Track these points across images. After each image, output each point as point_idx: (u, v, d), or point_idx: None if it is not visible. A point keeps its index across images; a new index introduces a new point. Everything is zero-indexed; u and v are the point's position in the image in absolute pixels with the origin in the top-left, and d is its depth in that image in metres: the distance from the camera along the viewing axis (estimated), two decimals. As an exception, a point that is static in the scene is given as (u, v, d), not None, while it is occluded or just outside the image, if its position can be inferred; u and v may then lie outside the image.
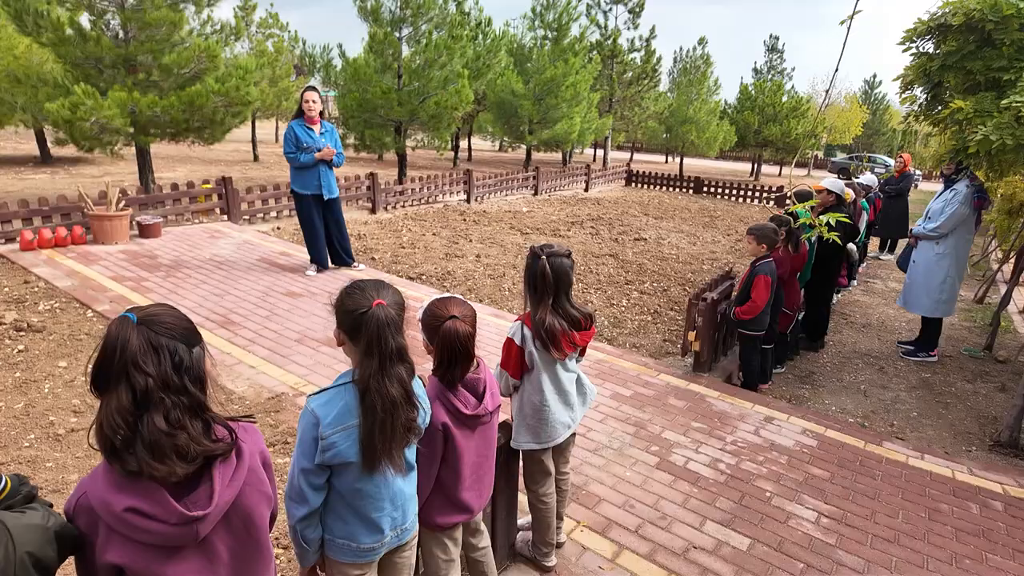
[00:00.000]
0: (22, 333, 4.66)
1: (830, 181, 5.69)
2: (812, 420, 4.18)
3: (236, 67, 10.03)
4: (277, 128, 28.26)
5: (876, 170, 23.20)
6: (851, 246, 6.74)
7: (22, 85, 11.04)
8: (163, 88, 9.57)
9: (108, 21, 9.35)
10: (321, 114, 6.24)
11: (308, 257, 6.77)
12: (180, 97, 9.14)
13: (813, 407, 4.78)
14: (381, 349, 1.55)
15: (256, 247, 7.54)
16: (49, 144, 14.34)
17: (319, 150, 6.16)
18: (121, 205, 7.38)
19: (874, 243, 10.78)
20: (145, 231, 7.57)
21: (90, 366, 1.21)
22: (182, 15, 9.41)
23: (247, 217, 9.07)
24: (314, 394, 1.63)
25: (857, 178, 9.00)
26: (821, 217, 4.98)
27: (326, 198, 6.45)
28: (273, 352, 4.64)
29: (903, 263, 6.04)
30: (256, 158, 19.87)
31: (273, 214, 9.48)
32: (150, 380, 1.17)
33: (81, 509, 1.20)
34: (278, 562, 2.55)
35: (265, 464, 1.43)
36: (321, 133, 6.24)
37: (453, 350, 1.84)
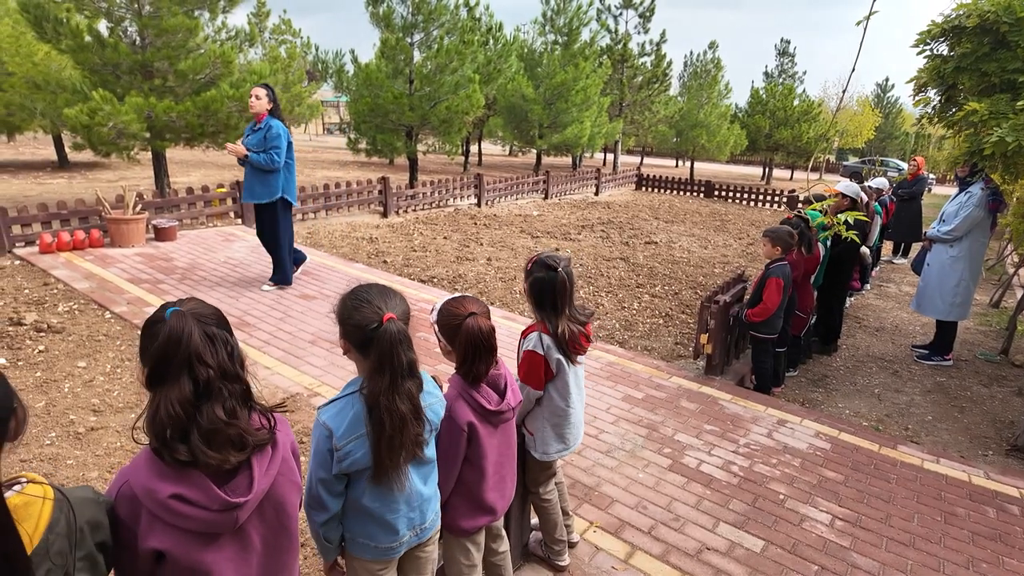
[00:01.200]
0: (42, 334, 4.74)
1: (845, 185, 5.67)
2: (825, 423, 4.17)
3: (250, 72, 10.15)
4: (290, 133, 28.54)
5: (889, 174, 23.06)
6: (864, 249, 6.71)
7: (41, 91, 11.21)
8: (179, 93, 9.71)
9: (125, 28, 9.51)
10: (271, 111, 5.72)
11: (329, 263, 6.49)
12: (195, 102, 9.26)
13: (826, 410, 4.75)
14: (393, 366, 1.53)
15: (270, 250, 7.61)
16: (67, 149, 14.57)
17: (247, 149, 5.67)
18: (138, 209, 7.48)
19: (887, 247, 10.71)
20: (161, 234, 7.67)
21: (145, 360, 1.23)
22: (197, 22, 9.55)
23: (261, 221, 9.16)
24: (324, 406, 1.62)
25: (869, 182, 8.96)
26: (839, 216, 4.97)
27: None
28: (288, 353, 4.69)
29: (917, 266, 6.01)
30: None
31: (286, 218, 9.55)
32: (211, 371, 1.21)
33: (123, 497, 1.23)
34: (303, 555, 2.58)
35: (294, 454, 1.46)
36: (256, 130, 5.74)
37: (477, 346, 1.85)
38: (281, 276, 6.19)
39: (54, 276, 6.10)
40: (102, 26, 9.33)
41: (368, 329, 1.54)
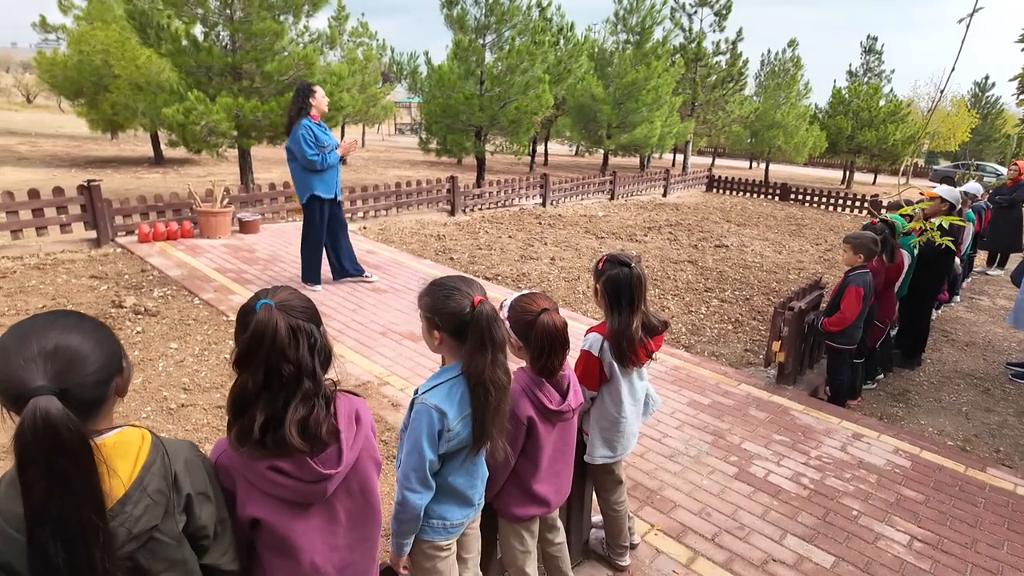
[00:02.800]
0: (140, 316, 5.14)
1: (945, 189, 5.34)
2: (905, 440, 3.95)
3: (330, 74, 10.61)
4: (364, 133, 29.50)
5: (985, 179, 21.45)
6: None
7: (142, 92, 12.12)
8: (264, 94, 10.26)
9: (218, 32, 10.14)
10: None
11: (399, 259, 6.49)
12: (279, 102, 9.76)
13: (907, 426, 4.50)
14: (493, 342, 1.65)
15: (343, 244, 7.92)
16: (162, 146, 15.64)
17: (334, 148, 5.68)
18: (225, 203, 7.96)
19: (980, 256, 9.99)
20: (245, 227, 8.12)
21: (236, 348, 1.30)
22: (283, 26, 10.07)
23: (335, 216, 9.54)
24: (427, 391, 1.70)
25: (961, 187, 8.39)
26: (932, 220, 4.67)
27: (338, 200, 6.01)
28: (360, 343, 4.88)
29: (1017, 278, 5.59)
30: (344, 161, 20.78)
31: (360, 215, 9.91)
32: (289, 366, 1.27)
33: (221, 467, 1.32)
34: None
35: (373, 433, 1.55)
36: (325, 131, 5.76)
37: (552, 342, 1.89)
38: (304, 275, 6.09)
39: (150, 264, 6.58)
40: (198, 31, 9.98)
41: (464, 313, 1.65)
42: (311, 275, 6.06)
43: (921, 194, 5.58)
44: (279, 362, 1.26)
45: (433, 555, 1.82)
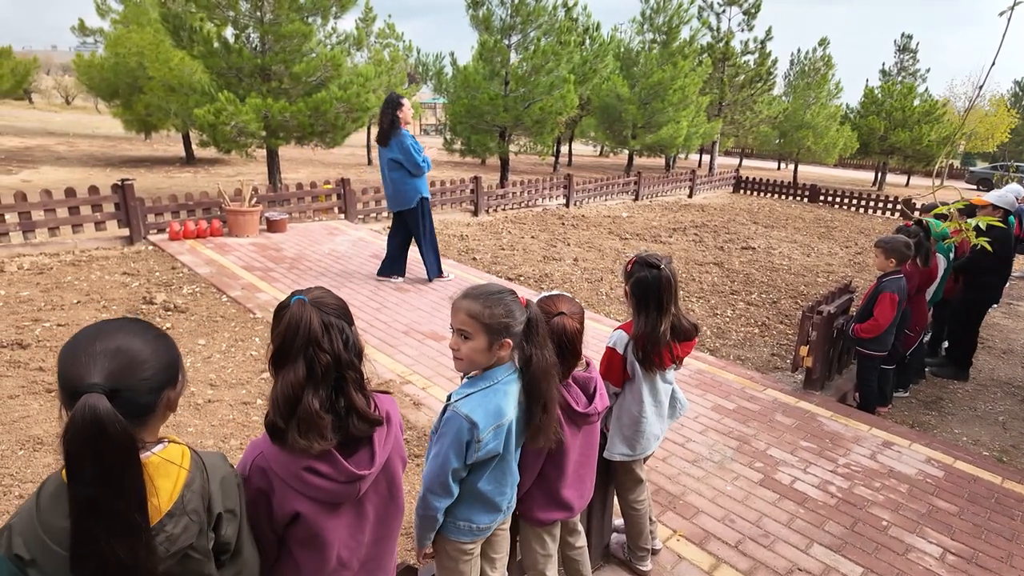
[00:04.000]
0: (169, 312, 5.24)
1: (997, 195, 5.12)
2: (938, 449, 3.84)
3: (357, 75, 10.71)
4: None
5: (1025, 181, 20.77)
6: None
7: (175, 93, 12.39)
8: (292, 95, 10.40)
9: (248, 34, 10.31)
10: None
11: (421, 259, 6.44)
12: (307, 103, 9.89)
13: (940, 436, 4.38)
14: (546, 335, 1.74)
15: (369, 244, 8.00)
16: (193, 146, 15.98)
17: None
18: (253, 202, 8.09)
19: (1020, 261, 9.66)
20: (272, 226, 8.25)
21: (271, 345, 1.32)
22: (312, 27, 10.19)
23: (362, 216, 9.63)
24: (460, 400, 1.68)
25: (999, 189, 8.11)
26: (968, 221, 4.51)
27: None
28: (383, 342, 4.92)
29: (1058, 284, 5.38)
30: (370, 162, 21.01)
31: (385, 214, 9.97)
32: (327, 356, 1.28)
33: (256, 468, 1.33)
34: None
35: (401, 431, 1.56)
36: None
37: (560, 346, 1.87)
38: (431, 272, 6.46)
39: (180, 261, 6.71)
40: (228, 33, 10.17)
41: (523, 319, 1.69)
42: (435, 269, 6.47)
43: (967, 201, 5.37)
44: (317, 353, 1.27)
45: (457, 556, 1.83)
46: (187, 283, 6.04)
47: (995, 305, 7.74)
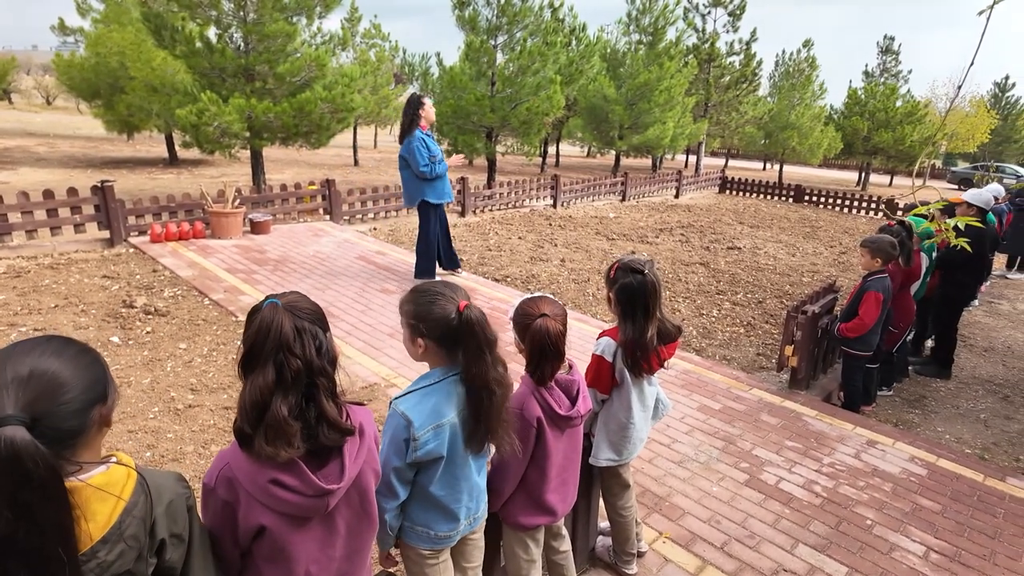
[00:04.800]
0: (150, 316, 5.16)
1: (973, 193, 5.21)
2: (922, 447, 3.86)
3: (342, 75, 10.64)
4: (376, 134, 29.61)
5: (1005, 180, 21.09)
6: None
7: (157, 93, 12.24)
8: (276, 95, 10.30)
9: (231, 34, 10.21)
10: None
11: (409, 260, 6.57)
12: (291, 103, 9.80)
13: (923, 434, 4.41)
14: (489, 343, 1.63)
15: (355, 246, 7.94)
16: (176, 147, 15.80)
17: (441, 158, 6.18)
18: (236, 203, 8.00)
19: (1000, 260, 9.80)
20: (256, 228, 8.16)
21: (241, 348, 1.29)
22: (296, 27, 10.11)
23: (347, 218, 9.56)
24: (400, 396, 1.67)
25: (980, 188, 8.22)
26: (947, 221, 4.57)
27: (447, 203, 6.52)
28: (368, 344, 4.87)
29: (1038, 282, 5.46)
30: (356, 163, 20.89)
31: (371, 215, 9.93)
32: (298, 362, 1.24)
33: (223, 479, 1.29)
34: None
35: (376, 444, 1.52)
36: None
37: (543, 348, 1.85)
38: (419, 272, 6.52)
39: (162, 264, 6.62)
40: (211, 33, 10.05)
41: (450, 319, 1.62)
42: (426, 272, 6.45)
43: (947, 201, 5.44)
44: (287, 358, 1.24)
45: (419, 561, 1.80)
46: (168, 286, 5.95)
47: (975, 303, 7.83)
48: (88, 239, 7.27)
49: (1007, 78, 40.66)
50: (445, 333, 1.63)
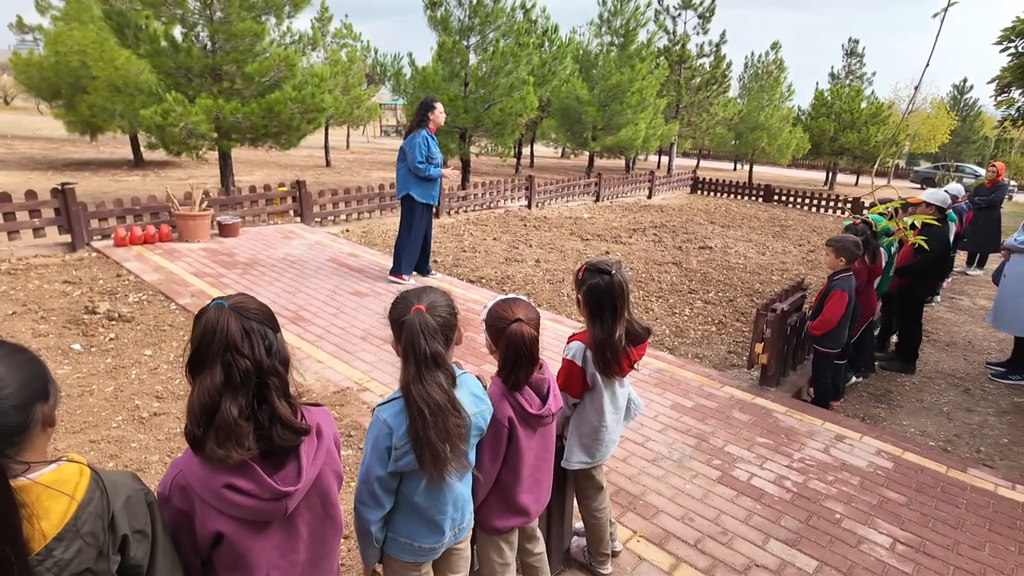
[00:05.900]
0: (113, 322, 5.02)
1: (930, 193, 5.35)
2: (888, 441, 3.95)
3: (312, 75, 10.49)
4: (348, 135, 29.28)
5: (965, 180, 21.77)
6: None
7: (121, 94, 11.93)
8: (245, 96, 10.11)
9: (198, 33, 9.99)
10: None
11: (382, 262, 6.64)
12: (260, 104, 9.63)
13: (889, 428, 4.51)
14: (416, 354, 1.56)
15: (326, 248, 7.84)
16: (142, 148, 15.40)
17: (439, 163, 6.33)
18: (204, 205, 7.83)
19: (961, 257, 10.10)
20: (225, 230, 8.00)
21: (187, 350, 1.27)
22: (264, 26, 9.93)
23: (319, 219, 9.43)
24: (383, 403, 1.64)
25: (941, 188, 8.47)
26: (905, 219, 4.69)
27: (434, 206, 6.68)
28: (340, 348, 4.80)
29: (997, 278, 5.64)
30: (328, 163, 20.63)
31: (343, 217, 9.81)
32: (246, 362, 1.23)
33: (176, 487, 1.26)
34: (346, 547, 2.62)
35: (337, 446, 1.50)
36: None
37: (518, 353, 1.84)
38: (394, 267, 6.62)
39: (126, 268, 6.44)
40: (177, 32, 9.83)
41: (400, 321, 1.60)
42: (403, 267, 6.52)
43: (904, 200, 5.59)
44: (235, 359, 1.22)
45: (402, 573, 1.78)
46: (133, 291, 5.79)
47: (938, 299, 8.06)
48: (48, 243, 7.05)
49: (965, 80, 42.07)
50: (398, 335, 1.62)
